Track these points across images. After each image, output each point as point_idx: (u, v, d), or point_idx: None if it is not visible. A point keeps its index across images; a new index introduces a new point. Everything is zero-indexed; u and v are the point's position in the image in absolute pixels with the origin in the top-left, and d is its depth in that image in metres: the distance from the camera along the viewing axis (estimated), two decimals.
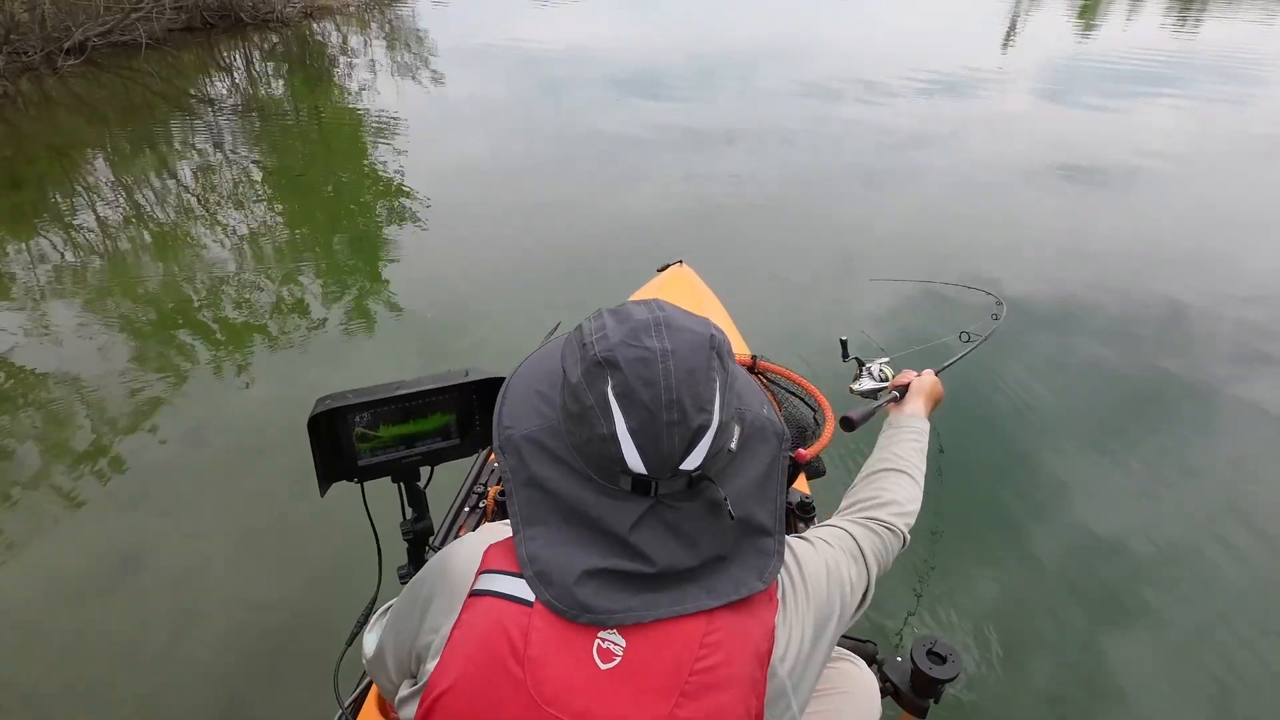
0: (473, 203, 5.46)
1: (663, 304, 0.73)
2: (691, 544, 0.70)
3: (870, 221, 5.18)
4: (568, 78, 9.60)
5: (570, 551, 0.69)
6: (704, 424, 0.66)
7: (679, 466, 0.67)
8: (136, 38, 8.97)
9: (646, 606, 0.67)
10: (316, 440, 1.02)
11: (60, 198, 5.38)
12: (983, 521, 2.68)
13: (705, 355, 0.67)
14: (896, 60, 10.30)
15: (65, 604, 2.24)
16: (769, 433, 0.77)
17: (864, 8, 16.60)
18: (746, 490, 0.73)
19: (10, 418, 3.05)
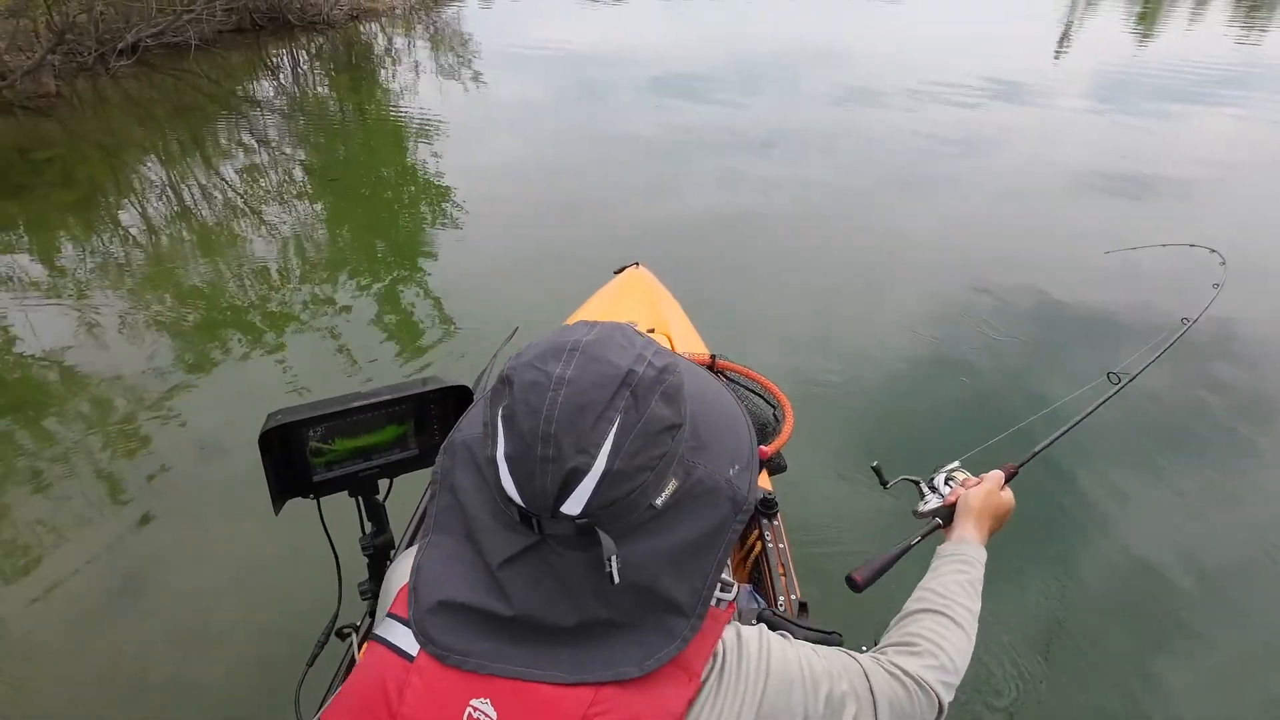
0: (510, 203, 5.47)
1: (616, 330, 0.64)
2: (568, 599, 0.61)
3: (906, 230, 5.05)
4: (608, 80, 9.58)
5: (450, 571, 0.64)
6: (580, 466, 0.57)
7: (559, 509, 0.58)
8: (187, 39, 9.14)
9: (493, 656, 0.61)
10: (269, 457, 0.98)
11: (108, 197, 5.46)
12: (1019, 536, 2.55)
13: (607, 392, 0.58)
14: (944, 66, 10.06)
15: (69, 622, 2.23)
16: (721, 497, 0.64)
17: (912, 12, 16.30)
18: (662, 556, 0.61)
19: (35, 419, 3.07)
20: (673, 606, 0.62)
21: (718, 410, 0.70)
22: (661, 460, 0.60)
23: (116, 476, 2.78)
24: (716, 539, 0.63)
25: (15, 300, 3.98)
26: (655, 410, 0.59)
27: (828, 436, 2.96)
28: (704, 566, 0.63)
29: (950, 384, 3.43)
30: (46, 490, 2.72)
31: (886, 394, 3.36)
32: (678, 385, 0.62)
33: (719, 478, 0.64)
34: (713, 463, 0.65)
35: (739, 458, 0.67)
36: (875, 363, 3.56)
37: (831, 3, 17.04)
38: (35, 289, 4.11)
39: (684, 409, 0.63)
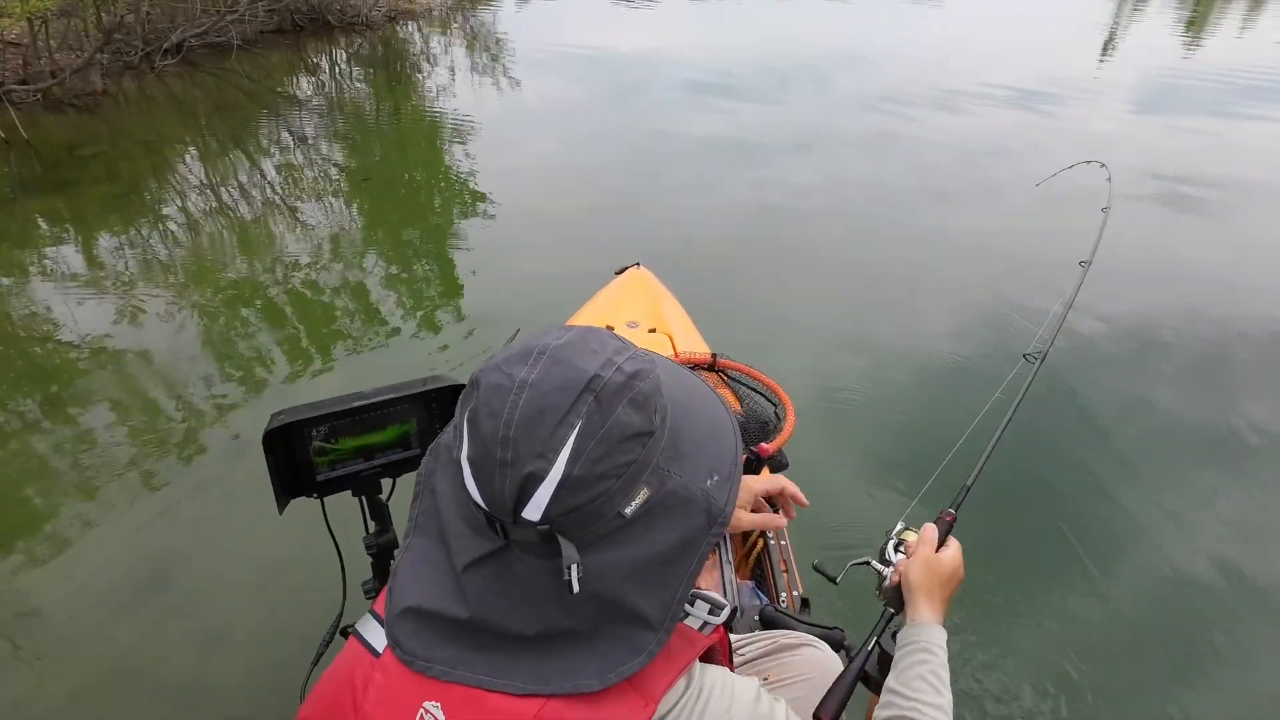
0: (536, 203, 5.51)
1: (590, 334, 0.62)
2: (531, 606, 0.60)
3: (938, 235, 4.98)
4: (641, 81, 9.61)
5: (420, 574, 0.65)
6: (537, 471, 0.56)
7: (519, 514, 0.57)
8: (230, 39, 9.33)
9: (455, 663, 0.61)
10: (273, 456, 1.00)
11: (149, 193, 5.58)
12: (1046, 551, 2.54)
13: (569, 396, 0.56)
14: (983, 70, 9.89)
15: (95, 616, 2.25)
16: (695, 508, 0.61)
17: (952, 16, 16.07)
18: (629, 567, 0.59)
19: (72, 408, 3.13)
20: (639, 619, 0.60)
21: (702, 418, 0.68)
22: (629, 468, 0.58)
23: (146, 468, 2.82)
24: (688, 551, 0.61)
25: (58, 290, 4.08)
26: (621, 416, 0.57)
27: (831, 434, 2.95)
28: (674, 580, 0.61)
29: (965, 393, 3.36)
30: (81, 479, 2.78)
31: (901, 398, 3.32)
32: (649, 392, 0.60)
33: (694, 488, 0.62)
34: (689, 472, 0.62)
35: (719, 468, 0.65)
36: (889, 367, 3.54)
37: (869, 5, 16.86)
38: (77, 281, 4.21)
39: (657, 416, 0.61)
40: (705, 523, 0.62)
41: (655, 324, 2.34)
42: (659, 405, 0.61)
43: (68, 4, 7.47)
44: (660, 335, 2.28)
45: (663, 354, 2.03)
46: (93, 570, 2.41)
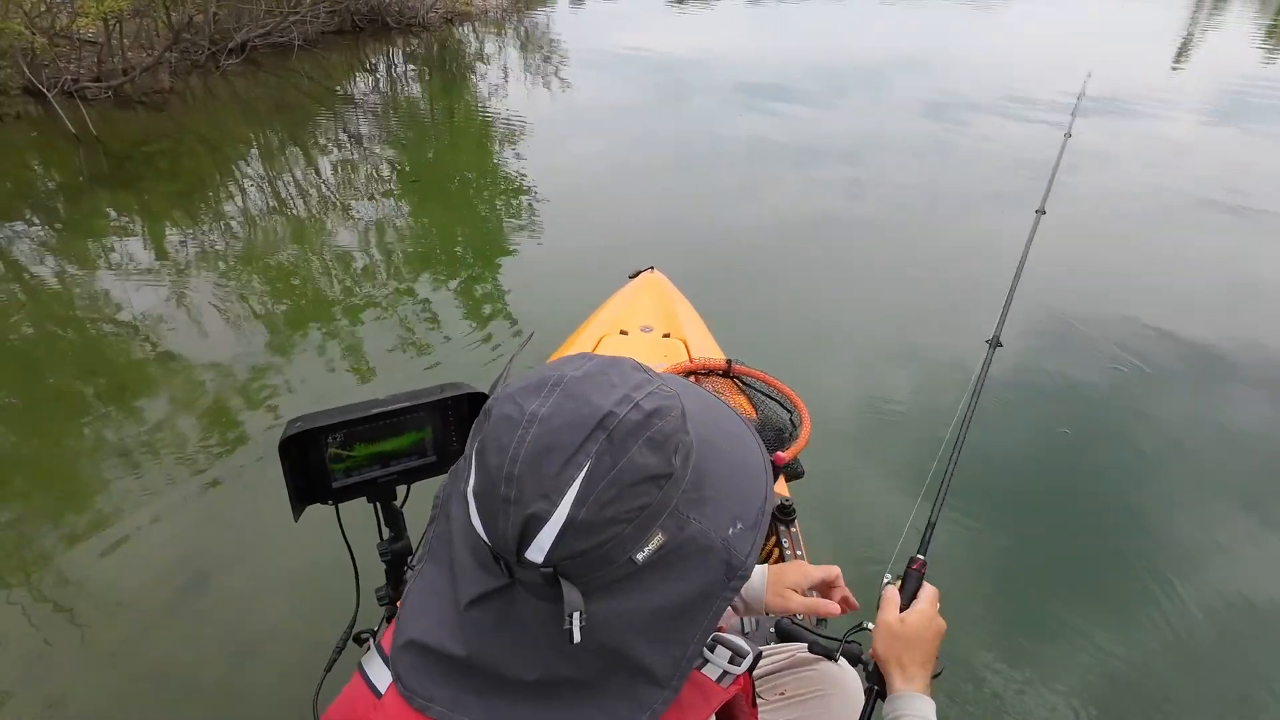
0: (581, 204, 5.53)
1: (612, 366, 0.58)
2: (532, 651, 0.57)
3: (994, 245, 4.80)
4: (693, 84, 9.59)
5: (426, 605, 0.62)
6: (539, 513, 0.52)
7: (522, 555, 0.53)
8: (291, 40, 9.57)
9: (453, 705, 0.58)
10: (289, 463, 1.00)
11: (210, 189, 5.73)
12: (1099, 571, 2.45)
13: (579, 434, 0.53)
14: (1047, 76, 9.58)
15: (134, 615, 2.29)
16: (714, 559, 0.57)
17: (1016, 21, 15.64)
18: (638, 618, 0.56)
19: (117, 408, 3.22)
20: (646, 674, 0.56)
21: (731, 459, 0.63)
22: (642, 512, 0.54)
23: (191, 466, 2.87)
24: (703, 605, 0.57)
25: (118, 280, 4.22)
26: (635, 458, 0.53)
27: (849, 442, 2.87)
28: (687, 633, 0.57)
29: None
30: (126, 475, 2.84)
31: (916, 404, 3.28)
32: (669, 431, 0.56)
33: (714, 537, 0.57)
34: (710, 519, 0.58)
35: (745, 515, 0.60)
36: (915, 377, 3.46)
37: (929, 9, 16.53)
38: (136, 272, 4.33)
39: (676, 457, 0.56)
40: (724, 575, 0.57)
41: (670, 329, 2.31)
42: (680, 444, 0.57)
43: (141, 4, 7.74)
44: (675, 340, 2.26)
45: (677, 360, 1.96)
46: (135, 568, 2.45)
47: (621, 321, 2.37)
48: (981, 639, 2.21)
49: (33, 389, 3.33)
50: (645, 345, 2.25)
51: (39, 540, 2.54)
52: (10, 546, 2.52)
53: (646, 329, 2.29)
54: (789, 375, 1.78)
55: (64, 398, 3.26)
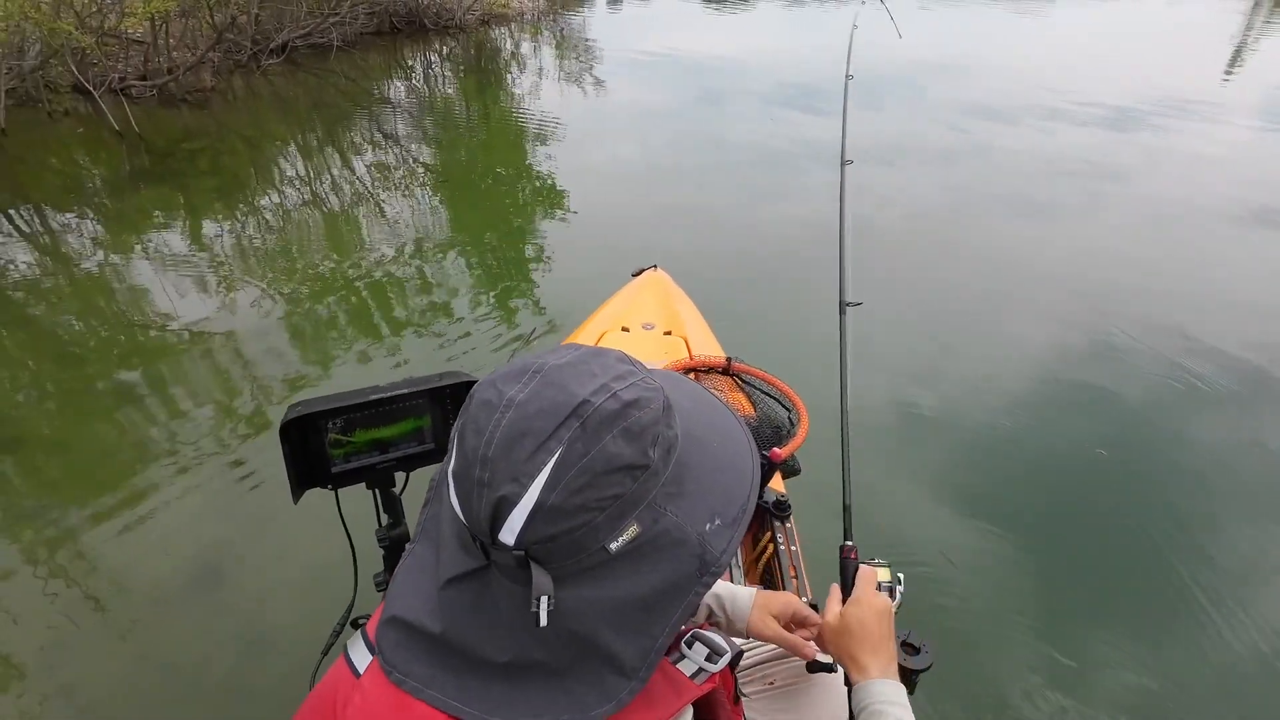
0: (606, 205, 5.54)
1: (594, 356, 0.59)
2: (504, 632, 0.58)
3: (1030, 257, 4.72)
4: (727, 87, 9.54)
5: (411, 583, 0.64)
6: (509, 495, 0.53)
7: (496, 536, 0.54)
8: (331, 40, 9.72)
9: (428, 682, 0.59)
10: (289, 447, 1.01)
11: (248, 186, 5.84)
12: (1138, 592, 2.39)
13: (552, 421, 0.53)
14: (1090, 84, 9.36)
15: (147, 606, 2.31)
16: (687, 553, 0.57)
17: (1060, 25, 15.33)
18: (607, 606, 0.56)
19: (147, 395, 3.27)
20: (613, 663, 0.57)
21: (718, 456, 0.63)
22: (615, 501, 0.54)
23: (215, 449, 2.92)
24: (674, 597, 0.57)
25: (157, 272, 4.31)
26: (608, 447, 0.53)
27: (854, 443, 2.86)
28: (655, 626, 0.57)
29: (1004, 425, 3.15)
30: (155, 454, 2.90)
31: (931, 411, 3.24)
32: (646, 422, 0.55)
33: (690, 530, 0.57)
34: (687, 513, 0.58)
35: (724, 512, 0.60)
36: (915, 382, 3.42)
37: (967, 12, 16.28)
38: (176, 264, 4.41)
39: (655, 449, 0.56)
40: (697, 569, 0.57)
41: (671, 326, 2.33)
42: (660, 437, 0.57)
43: (186, 5, 7.92)
44: (676, 338, 2.27)
45: (678, 357, 1.96)
46: (153, 549, 2.49)
47: (623, 318, 2.39)
48: (1017, 658, 2.15)
49: (69, 374, 3.41)
50: (646, 342, 2.27)
51: (64, 519, 2.61)
52: (39, 525, 2.59)
53: (648, 326, 2.32)
54: (789, 374, 1.80)
55: (98, 383, 3.34)
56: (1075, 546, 2.59)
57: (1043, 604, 2.36)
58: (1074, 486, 2.86)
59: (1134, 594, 2.42)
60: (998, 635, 2.23)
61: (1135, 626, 2.28)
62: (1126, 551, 2.57)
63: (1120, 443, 3.07)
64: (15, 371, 3.45)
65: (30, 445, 2.98)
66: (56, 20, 6.14)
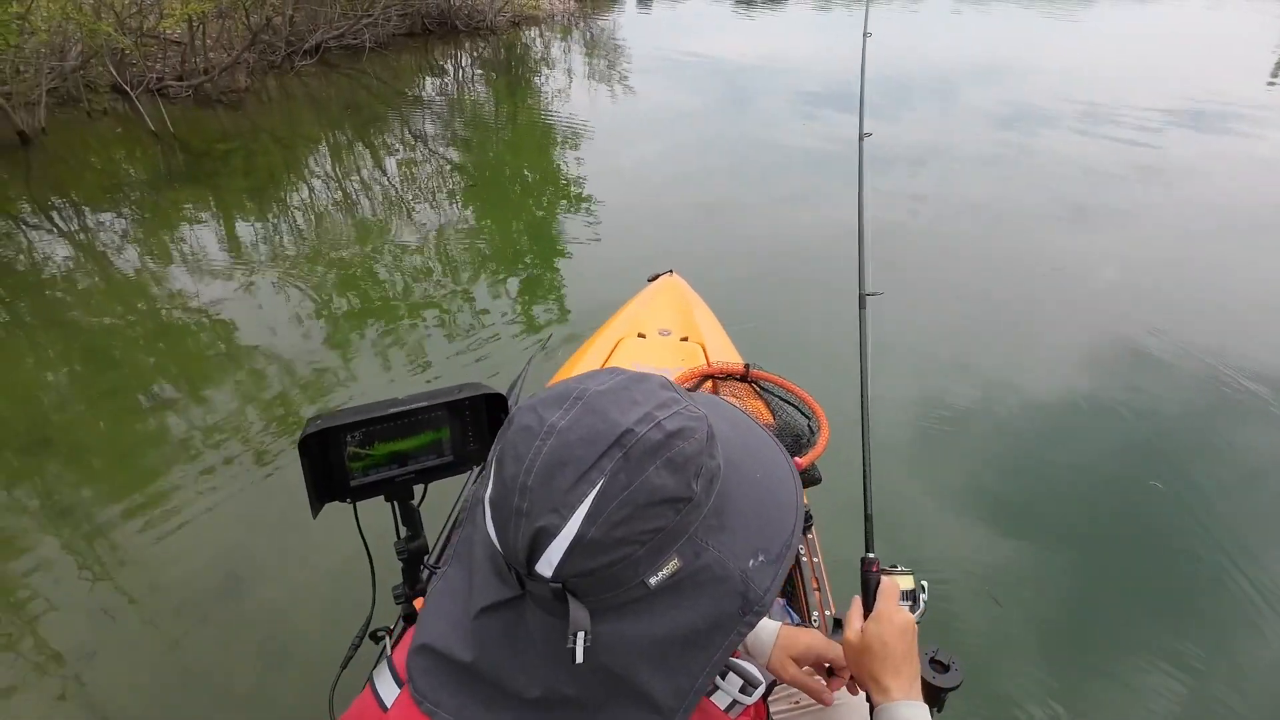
0: (643, 208, 5.52)
1: (637, 382, 0.57)
2: (537, 666, 0.56)
3: (1069, 261, 4.62)
4: (756, 89, 9.49)
5: (443, 609, 0.62)
6: (549, 527, 0.51)
7: (532, 568, 0.52)
8: (363, 42, 9.81)
9: (457, 713, 0.58)
10: (308, 461, 1.01)
11: (279, 186, 5.90)
12: (1191, 611, 2.31)
13: (594, 450, 0.52)
14: (1131, 88, 9.16)
15: (168, 616, 2.31)
16: (729, 590, 0.55)
17: (1101, 30, 15.01)
18: (645, 643, 0.54)
19: (180, 396, 3.29)
20: (648, 702, 0.55)
21: (760, 488, 0.61)
22: (656, 535, 0.52)
23: (243, 454, 2.93)
24: (714, 636, 0.55)
25: (189, 273, 4.35)
26: (651, 479, 0.52)
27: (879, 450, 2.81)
28: (694, 665, 0.55)
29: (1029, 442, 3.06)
30: (183, 454, 2.92)
31: (947, 422, 3.17)
32: (690, 453, 0.54)
33: (733, 567, 0.55)
34: (729, 548, 0.56)
35: (769, 548, 0.58)
36: (942, 391, 3.35)
37: (1006, 15, 16.01)
38: (209, 265, 4.46)
39: (698, 481, 0.54)
40: (739, 608, 0.55)
41: (688, 333, 2.31)
42: (704, 468, 0.55)
43: (224, 6, 8.03)
44: (693, 344, 2.25)
45: (695, 364, 1.93)
46: (182, 551, 2.50)
47: (640, 324, 2.36)
48: (1048, 681, 2.09)
49: (100, 376, 3.46)
50: (663, 349, 2.24)
51: (90, 521, 2.63)
52: (65, 527, 2.62)
53: (665, 332, 2.30)
54: (810, 381, 1.76)
55: (128, 385, 3.39)
56: (1114, 565, 2.51)
57: (1078, 624, 2.28)
58: (1113, 501, 2.77)
59: (1176, 617, 2.33)
60: (1028, 656, 2.16)
61: (1175, 652, 2.19)
62: (1170, 572, 2.47)
63: (1164, 458, 2.97)
64: (47, 370, 3.50)
65: (58, 447, 3.02)
66: (97, 21, 6.26)
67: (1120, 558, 2.54)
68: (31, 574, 2.43)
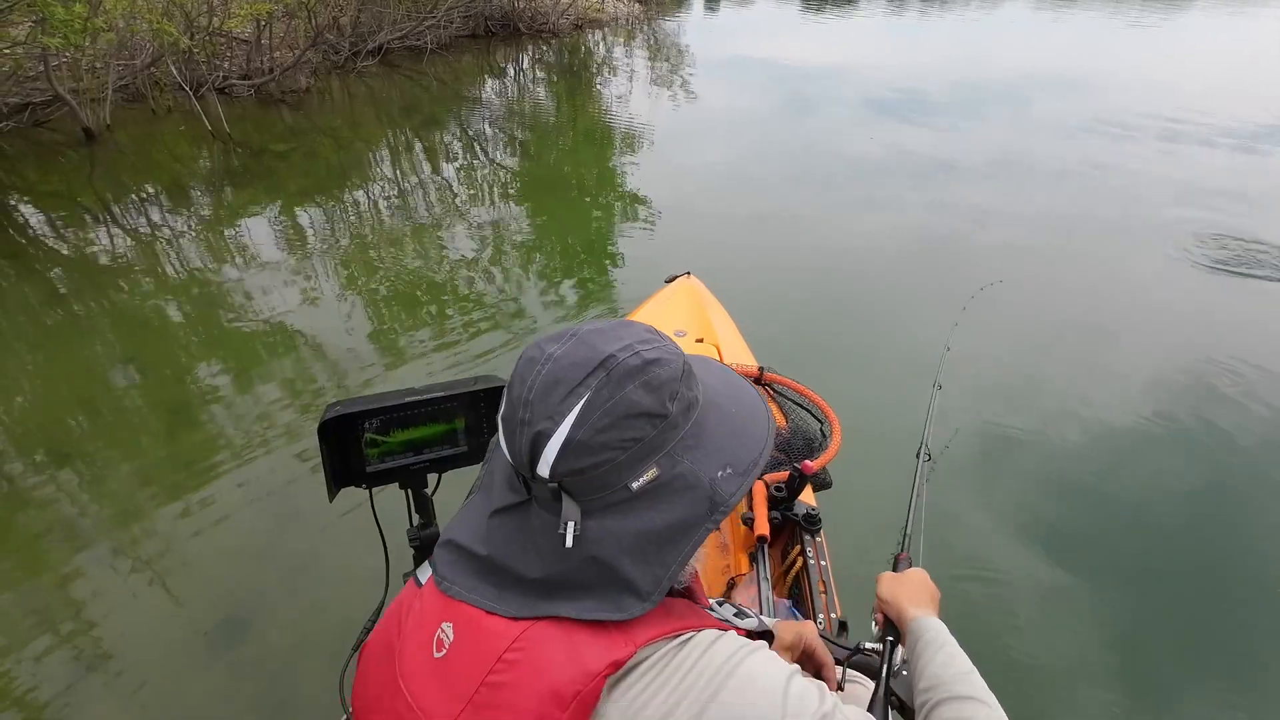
0: (704, 213, 5.39)
1: (624, 326, 0.68)
2: (538, 555, 0.65)
3: (1143, 287, 4.26)
4: (822, 95, 9.24)
5: (466, 517, 0.73)
6: (545, 430, 0.62)
7: (534, 470, 0.63)
8: (425, 43, 9.81)
9: (469, 588, 0.68)
10: (327, 446, 1.05)
11: (338, 185, 5.82)
12: (1249, 660, 2.12)
13: (581, 371, 0.63)
14: (1214, 100, 8.55)
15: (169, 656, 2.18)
16: (699, 495, 0.65)
17: (1184, 38, 14.13)
18: (626, 537, 0.63)
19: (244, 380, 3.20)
20: (630, 587, 0.63)
21: (735, 424, 0.70)
22: (636, 444, 0.63)
23: (279, 445, 2.88)
24: (686, 533, 0.65)
25: (244, 268, 4.30)
26: (630, 395, 0.62)
27: (878, 459, 2.54)
28: (668, 557, 0.64)
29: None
30: (226, 441, 2.89)
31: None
32: (665, 378, 0.64)
33: (703, 476, 0.65)
34: (702, 463, 0.66)
35: (736, 463, 0.68)
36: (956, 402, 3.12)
37: (1084, 23, 15.23)
38: (264, 261, 4.40)
39: (674, 404, 0.65)
40: (707, 509, 0.65)
41: (703, 334, 2.34)
42: (679, 394, 0.65)
43: (290, 6, 8.08)
44: (707, 345, 2.28)
45: None
46: (216, 537, 2.44)
47: (655, 323, 2.24)
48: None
49: (157, 371, 3.40)
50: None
51: (132, 506, 2.63)
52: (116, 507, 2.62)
53: (680, 333, 2.31)
54: (824, 387, 1.75)
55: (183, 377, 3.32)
56: (1167, 606, 2.31)
57: (1120, 664, 2.11)
58: (1170, 538, 2.56)
59: (1232, 665, 2.13)
60: (1064, 692, 2.03)
61: (1231, 705, 2.02)
62: (1234, 621, 2.26)
63: (1229, 497, 2.73)
64: (93, 363, 3.45)
65: (81, 458, 2.93)
66: (163, 21, 6.32)
67: (1181, 600, 2.34)
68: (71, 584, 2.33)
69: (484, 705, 0.63)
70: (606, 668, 0.60)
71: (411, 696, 0.67)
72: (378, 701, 0.71)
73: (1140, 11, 16.32)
